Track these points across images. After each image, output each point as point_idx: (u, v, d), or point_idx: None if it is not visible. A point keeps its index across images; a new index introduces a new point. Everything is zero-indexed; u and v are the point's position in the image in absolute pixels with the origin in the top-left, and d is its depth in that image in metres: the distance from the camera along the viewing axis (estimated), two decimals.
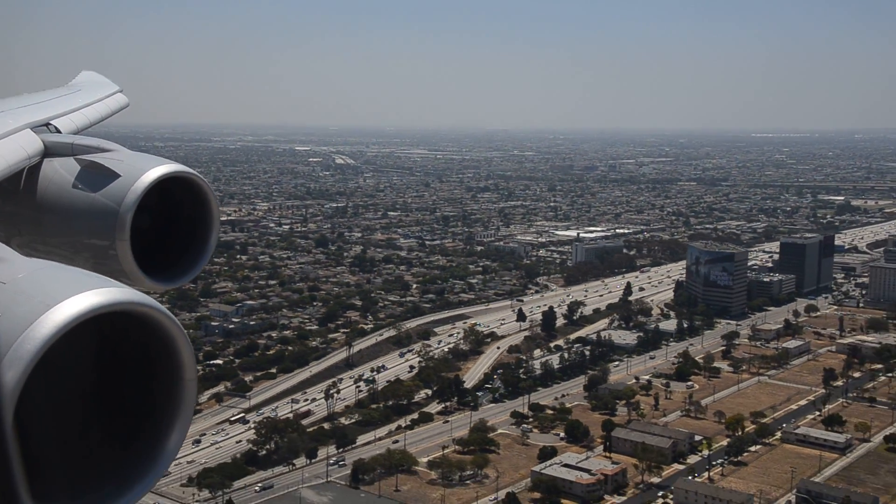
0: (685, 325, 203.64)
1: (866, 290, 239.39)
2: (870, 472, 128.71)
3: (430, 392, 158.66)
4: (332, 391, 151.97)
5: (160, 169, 8.19)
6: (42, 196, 8.55)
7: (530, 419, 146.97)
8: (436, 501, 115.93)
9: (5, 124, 8.83)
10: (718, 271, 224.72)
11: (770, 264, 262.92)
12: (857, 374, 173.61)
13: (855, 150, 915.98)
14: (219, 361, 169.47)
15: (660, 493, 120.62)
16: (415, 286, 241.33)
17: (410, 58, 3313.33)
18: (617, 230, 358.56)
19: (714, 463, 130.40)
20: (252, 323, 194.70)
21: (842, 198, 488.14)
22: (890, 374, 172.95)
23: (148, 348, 5.19)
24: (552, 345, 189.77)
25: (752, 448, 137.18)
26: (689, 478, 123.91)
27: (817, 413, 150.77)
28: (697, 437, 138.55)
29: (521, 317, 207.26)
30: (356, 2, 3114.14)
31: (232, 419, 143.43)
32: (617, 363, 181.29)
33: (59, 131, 10.05)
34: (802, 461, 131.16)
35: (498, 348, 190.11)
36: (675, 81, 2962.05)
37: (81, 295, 4.65)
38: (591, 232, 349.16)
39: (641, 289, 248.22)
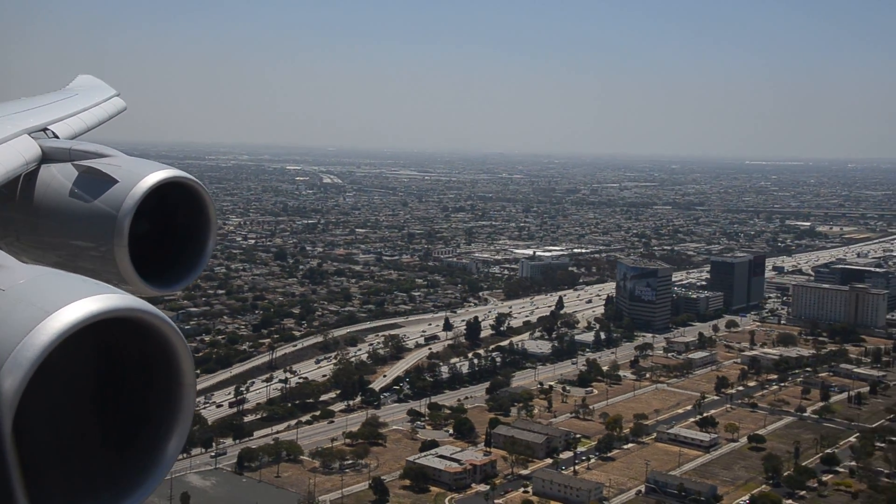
0: (602, 337, 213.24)
1: (789, 308, 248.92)
2: (725, 467, 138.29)
3: (339, 392, 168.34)
4: (241, 389, 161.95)
5: (158, 174, 8.27)
6: (40, 202, 8.55)
7: (425, 417, 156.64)
8: (311, 486, 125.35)
9: (3, 130, 8.83)
10: (643, 286, 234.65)
11: (704, 282, 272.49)
12: (752, 384, 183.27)
13: (842, 178, 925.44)
14: None
15: (524, 483, 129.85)
16: (357, 297, 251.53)
17: (411, 81, 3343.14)
18: (575, 250, 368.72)
19: (585, 458, 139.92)
20: (187, 327, 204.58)
21: (809, 223, 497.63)
22: (783, 384, 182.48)
23: (146, 354, 5.25)
24: (472, 353, 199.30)
25: (627, 445, 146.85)
26: (555, 469, 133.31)
27: (699, 416, 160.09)
28: (577, 436, 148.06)
29: (447, 326, 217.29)
30: (360, 24, 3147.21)
31: None
32: (529, 370, 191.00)
33: (56, 136, 10.03)
34: (668, 457, 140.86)
35: (430, 349, 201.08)
36: (677, 109, 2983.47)
37: (80, 301, 4.70)
38: (550, 251, 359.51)
39: (589, 301, 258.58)
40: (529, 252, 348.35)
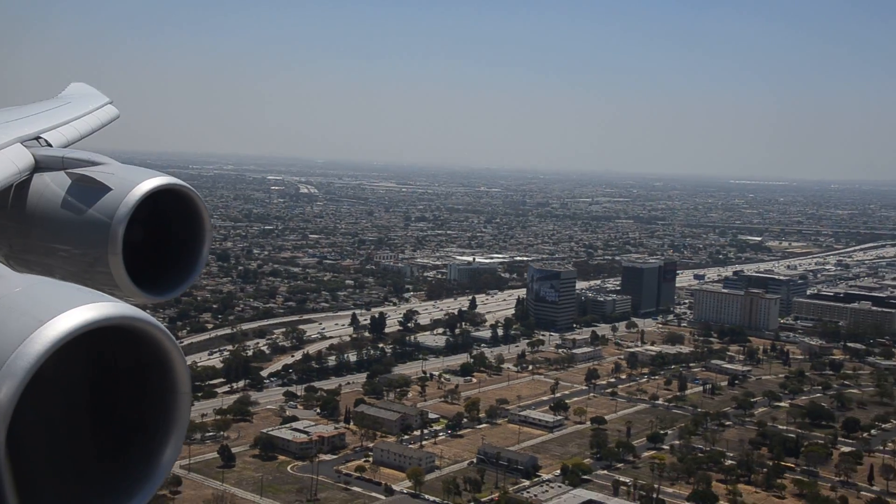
0: (500, 334, 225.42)
1: (692, 311, 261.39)
2: (561, 444, 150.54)
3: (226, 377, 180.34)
4: None
5: (152, 182, 8.30)
6: (33, 210, 8.58)
7: (300, 398, 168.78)
8: None
9: None
10: (547, 288, 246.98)
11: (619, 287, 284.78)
12: (623, 376, 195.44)
13: (818, 198, 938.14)
14: None
15: (367, 454, 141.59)
16: (283, 295, 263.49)
17: (405, 96, 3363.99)
18: (517, 257, 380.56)
19: (434, 434, 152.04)
20: None
21: (759, 238, 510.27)
22: (653, 377, 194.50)
23: (141, 362, 5.24)
24: (370, 345, 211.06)
25: (481, 426, 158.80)
26: (399, 443, 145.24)
27: (563, 401, 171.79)
28: (434, 416, 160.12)
29: (354, 322, 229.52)
30: (356, 39, 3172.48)
31: None
32: (422, 361, 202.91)
33: (49, 145, 10.10)
34: (512, 435, 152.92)
35: (341, 339, 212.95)
36: (670, 128, 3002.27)
37: (75, 310, 4.70)
38: (492, 258, 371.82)
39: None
40: (470, 259, 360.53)
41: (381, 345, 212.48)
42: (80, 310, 4.70)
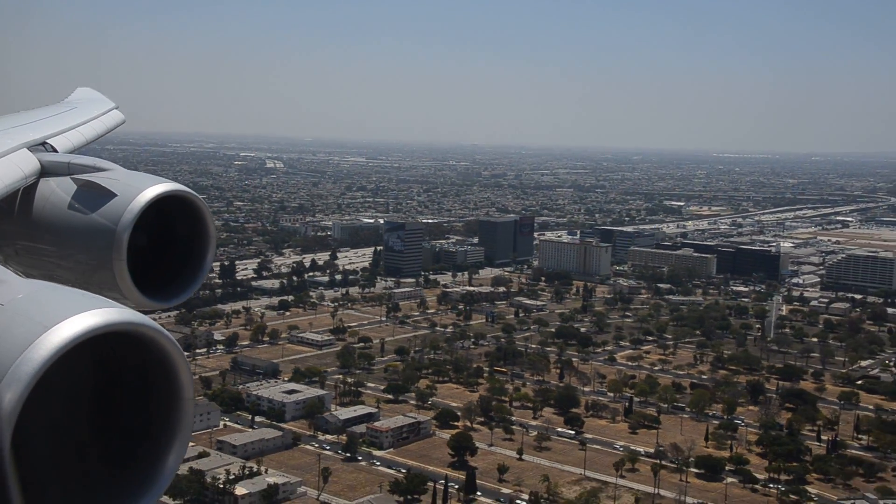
0: (338, 279, 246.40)
1: (538, 260, 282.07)
2: (320, 358, 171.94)
3: None
4: None
5: (156, 188, 8.35)
6: (38, 216, 8.64)
7: None
8: None
9: (2, 144, 8.93)
10: (394, 238, 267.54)
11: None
12: (431, 310, 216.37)
13: (784, 169, 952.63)
14: None
15: None
16: None
17: (399, 75, 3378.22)
18: (422, 219, 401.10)
19: (215, 351, 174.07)
20: None
21: (682, 203, 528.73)
22: (455, 310, 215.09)
23: (145, 368, 5.25)
24: (214, 288, 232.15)
25: (262, 345, 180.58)
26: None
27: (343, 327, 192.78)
28: (220, 337, 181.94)
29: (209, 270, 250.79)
30: (350, 21, 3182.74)
31: None
32: (253, 301, 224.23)
33: (55, 150, 10.15)
34: (282, 351, 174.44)
35: None
36: (661, 103, 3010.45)
37: (79, 316, 4.70)
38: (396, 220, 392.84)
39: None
40: (371, 221, 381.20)
41: (220, 289, 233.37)
42: (84, 315, 4.71)
